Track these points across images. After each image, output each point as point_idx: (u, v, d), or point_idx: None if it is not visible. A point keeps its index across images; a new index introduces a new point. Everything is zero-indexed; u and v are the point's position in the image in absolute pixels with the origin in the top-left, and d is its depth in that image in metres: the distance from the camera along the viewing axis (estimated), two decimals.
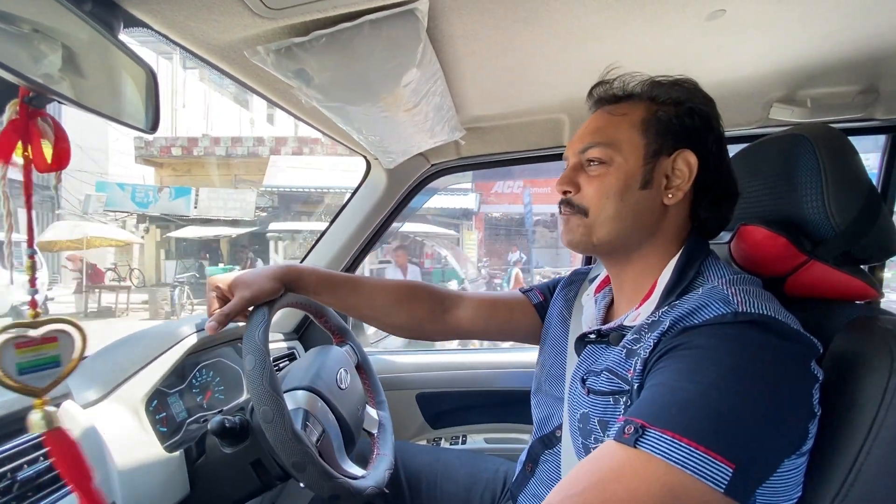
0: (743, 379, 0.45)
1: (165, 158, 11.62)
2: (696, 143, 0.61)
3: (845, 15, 0.73)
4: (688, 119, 0.61)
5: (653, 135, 0.61)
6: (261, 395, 0.65)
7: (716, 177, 0.62)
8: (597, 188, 0.62)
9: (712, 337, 0.48)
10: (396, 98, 0.80)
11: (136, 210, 10.90)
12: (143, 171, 12.37)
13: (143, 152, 11.55)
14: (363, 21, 0.63)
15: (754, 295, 0.51)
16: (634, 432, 0.44)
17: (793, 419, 0.47)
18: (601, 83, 0.67)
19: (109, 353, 0.86)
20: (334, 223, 1.32)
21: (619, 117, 0.63)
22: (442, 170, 1.31)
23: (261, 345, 0.67)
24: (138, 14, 0.57)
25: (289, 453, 0.64)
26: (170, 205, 10.77)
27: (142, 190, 10.96)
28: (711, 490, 0.41)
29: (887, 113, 1.03)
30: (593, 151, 0.63)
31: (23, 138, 0.48)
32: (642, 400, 0.49)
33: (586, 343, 0.66)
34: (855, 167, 0.60)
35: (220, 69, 0.73)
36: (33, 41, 0.49)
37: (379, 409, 0.99)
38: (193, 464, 0.80)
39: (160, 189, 10.96)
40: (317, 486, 0.67)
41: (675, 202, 0.61)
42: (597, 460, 0.46)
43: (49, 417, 0.50)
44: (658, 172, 0.61)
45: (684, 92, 0.62)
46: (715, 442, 0.42)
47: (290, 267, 0.82)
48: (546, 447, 0.73)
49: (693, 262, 0.60)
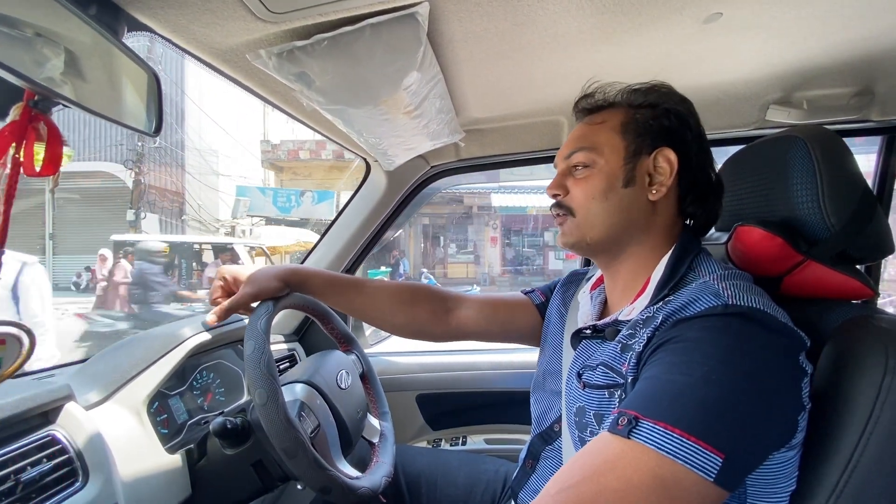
0: (732, 371, 0.46)
1: (293, 162, 11.48)
2: (674, 141, 0.64)
3: (841, 18, 0.74)
4: (665, 120, 0.64)
5: (632, 136, 0.64)
6: (256, 379, 0.65)
7: (699, 173, 0.65)
8: (582, 189, 0.66)
9: (702, 330, 0.50)
10: (397, 101, 0.81)
11: (279, 215, 10.63)
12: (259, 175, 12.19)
13: (270, 156, 11.48)
14: (364, 25, 0.64)
15: (744, 289, 0.52)
16: (628, 423, 0.46)
17: (781, 410, 0.48)
18: (584, 97, 0.71)
19: (111, 355, 0.86)
20: (334, 225, 1.33)
21: (599, 124, 0.67)
22: (441, 171, 1.31)
23: (261, 332, 0.68)
24: (142, 18, 0.58)
25: (280, 438, 0.65)
26: (313, 209, 10.58)
27: (283, 194, 10.72)
28: (702, 479, 0.42)
29: (882, 114, 1.04)
30: (577, 156, 0.66)
31: (17, 140, 0.48)
32: (636, 392, 0.50)
33: (582, 338, 0.68)
34: (850, 168, 0.61)
35: (222, 73, 0.73)
36: (38, 45, 0.50)
37: (382, 419, 0.99)
38: (195, 465, 0.80)
39: (303, 193, 10.71)
40: (307, 475, 0.67)
41: (661, 198, 0.64)
42: (591, 452, 0.48)
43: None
44: (640, 171, 0.64)
45: (660, 95, 0.66)
46: (705, 432, 0.43)
47: (297, 268, 0.84)
48: (546, 443, 0.73)
49: (685, 257, 0.62)
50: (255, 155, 11.86)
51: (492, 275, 12.89)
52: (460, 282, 9.23)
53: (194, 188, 10.81)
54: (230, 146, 11.19)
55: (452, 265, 13.45)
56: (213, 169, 11.09)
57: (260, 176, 12.27)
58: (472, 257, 13.58)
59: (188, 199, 10.80)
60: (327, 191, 10.81)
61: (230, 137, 10.84)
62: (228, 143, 11.15)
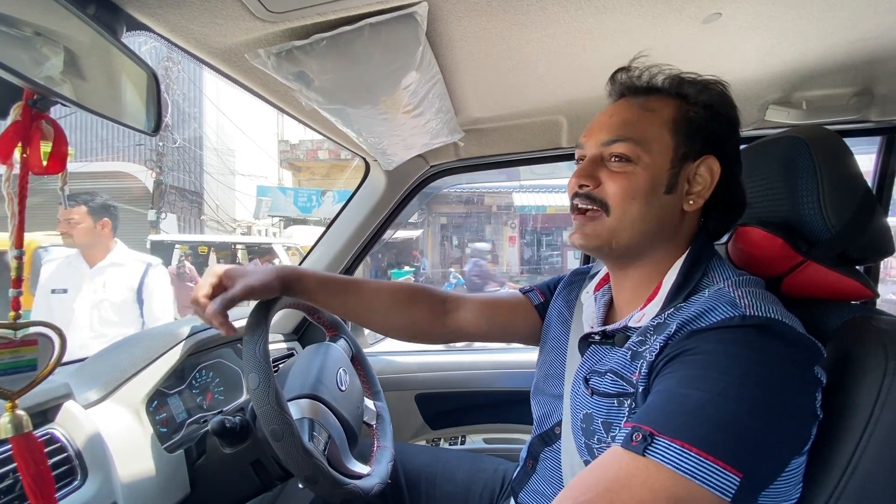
0: (750, 387, 0.45)
1: (311, 162, 11.42)
2: (719, 149, 0.59)
3: (840, 18, 0.74)
4: (716, 124, 0.59)
5: (682, 137, 0.59)
6: (269, 415, 0.65)
7: (732, 185, 0.61)
8: (622, 186, 0.58)
9: (720, 342, 0.48)
10: (396, 100, 0.81)
11: (300, 215, 10.54)
12: (276, 174, 12.10)
13: (289, 156, 11.41)
14: (363, 24, 0.64)
15: (760, 297, 0.51)
16: (643, 440, 0.44)
17: (798, 425, 0.47)
18: (624, 69, 0.63)
19: (110, 353, 0.86)
20: (333, 224, 1.33)
21: (649, 113, 0.60)
22: (441, 171, 1.31)
23: (263, 361, 0.67)
24: (140, 17, 0.58)
25: (301, 468, 0.65)
26: (333, 209, 10.25)
27: (304, 194, 10.66)
28: (718, 499, 0.41)
29: (881, 115, 1.04)
30: (620, 146, 0.59)
31: (23, 140, 0.48)
32: (650, 405, 0.48)
33: (590, 343, 0.66)
34: (851, 169, 0.61)
35: (220, 72, 0.73)
36: (36, 44, 0.50)
37: (375, 399, 1.00)
38: (193, 464, 0.80)
39: (324, 193, 10.62)
40: (329, 496, 0.68)
41: (695, 209, 0.60)
42: (605, 467, 0.46)
43: (17, 421, 0.50)
44: (682, 177, 0.59)
45: (715, 95, 0.60)
46: (723, 451, 0.42)
47: (292, 268, 0.81)
48: (546, 444, 0.73)
49: (699, 263, 0.59)
50: (271, 155, 11.80)
51: (510, 274, 12.82)
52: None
53: (212, 188, 10.71)
54: (248, 146, 11.09)
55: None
56: (231, 168, 10.96)
57: (277, 176, 12.22)
58: (490, 257, 13.53)
59: (206, 199, 10.74)
60: (347, 190, 10.66)
61: (247, 137, 10.78)
62: (245, 142, 11.08)
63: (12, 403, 0.50)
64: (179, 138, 9.73)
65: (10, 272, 0.49)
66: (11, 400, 0.49)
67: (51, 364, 0.52)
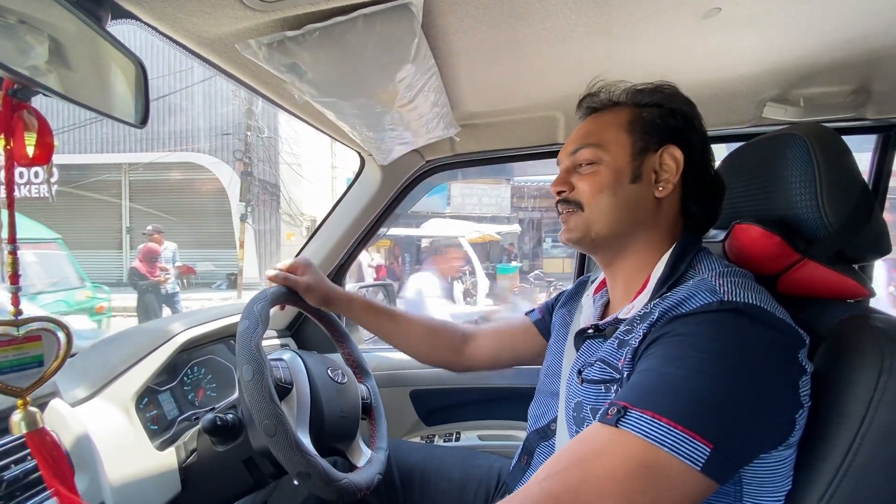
0: (725, 364, 0.46)
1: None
2: (680, 140, 0.64)
3: (839, 16, 0.73)
4: (671, 119, 0.65)
5: (638, 133, 0.65)
6: (262, 410, 0.64)
7: (702, 173, 0.66)
8: (590, 184, 0.65)
9: (697, 325, 0.50)
10: (391, 94, 0.79)
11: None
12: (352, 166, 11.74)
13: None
14: (357, 15, 0.62)
15: (741, 286, 0.52)
16: (617, 413, 0.47)
17: (775, 406, 0.48)
18: (588, 95, 0.71)
19: (99, 350, 0.85)
20: (328, 219, 1.31)
21: (607, 121, 0.67)
22: (436, 166, 1.30)
23: (257, 352, 0.67)
24: (126, 5, 0.56)
25: (294, 465, 0.65)
26: (424, 202, 10.17)
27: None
28: (688, 468, 0.43)
29: (879, 113, 1.04)
30: (583, 153, 0.66)
31: (5, 131, 0.47)
32: (629, 384, 0.51)
33: (585, 338, 0.68)
34: (849, 167, 0.60)
35: (210, 63, 0.71)
36: (19, 32, 0.48)
37: (375, 452, 0.89)
38: (184, 462, 0.79)
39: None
40: (321, 492, 0.68)
41: (666, 195, 0.64)
42: (580, 441, 0.49)
43: (31, 418, 0.50)
44: (646, 168, 0.64)
45: (665, 96, 0.66)
46: (694, 422, 0.43)
47: (346, 291, 0.95)
48: (542, 439, 0.74)
49: (685, 255, 0.62)
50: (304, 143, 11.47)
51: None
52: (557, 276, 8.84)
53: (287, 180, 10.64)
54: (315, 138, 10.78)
55: (548, 260, 13.05)
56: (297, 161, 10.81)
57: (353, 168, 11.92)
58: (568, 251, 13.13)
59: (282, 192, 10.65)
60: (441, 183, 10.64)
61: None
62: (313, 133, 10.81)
63: (23, 401, 0.50)
64: (267, 129, 9.76)
65: (6, 268, 0.49)
66: (22, 397, 0.50)
67: (59, 358, 0.52)
